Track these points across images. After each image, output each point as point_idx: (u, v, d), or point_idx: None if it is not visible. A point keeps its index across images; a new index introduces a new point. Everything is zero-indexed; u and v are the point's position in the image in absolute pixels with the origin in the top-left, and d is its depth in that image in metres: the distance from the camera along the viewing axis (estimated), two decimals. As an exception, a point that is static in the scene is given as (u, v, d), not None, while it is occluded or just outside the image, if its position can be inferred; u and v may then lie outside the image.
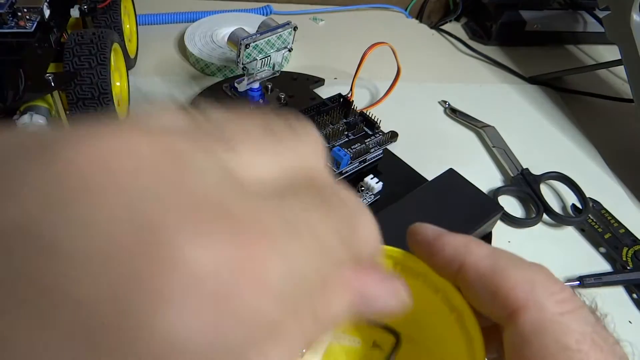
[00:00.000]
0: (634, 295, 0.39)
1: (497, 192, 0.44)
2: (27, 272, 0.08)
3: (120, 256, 0.08)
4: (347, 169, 0.41)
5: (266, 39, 0.44)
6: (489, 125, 0.51)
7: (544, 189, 0.45)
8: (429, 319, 0.25)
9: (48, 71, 0.38)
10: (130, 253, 0.08)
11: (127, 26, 0.52)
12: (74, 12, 0.44)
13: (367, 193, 0.40)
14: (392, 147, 0.45)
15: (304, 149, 0.13)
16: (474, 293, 0.20)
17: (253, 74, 0.46)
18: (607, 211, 0.44)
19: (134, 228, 0.08)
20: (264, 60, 0.45)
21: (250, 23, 0.58)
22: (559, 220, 0.43)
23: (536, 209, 0.43)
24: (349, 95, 0.47)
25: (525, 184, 0.45)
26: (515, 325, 0.18)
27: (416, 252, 0.23)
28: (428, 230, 0.22)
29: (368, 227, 0.14)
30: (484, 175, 0.46)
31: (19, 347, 0.08)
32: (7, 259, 0.08)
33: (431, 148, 0.49)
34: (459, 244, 0.20)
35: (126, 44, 0.49)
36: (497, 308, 0.19)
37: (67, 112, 0.40)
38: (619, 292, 0.39)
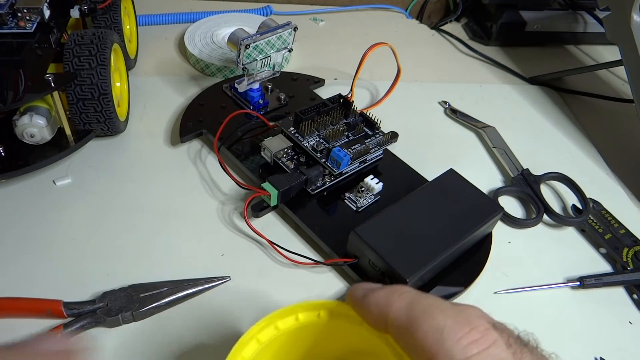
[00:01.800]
0: (634, 296, 0.38)
1: (498, 192, 0.44)
2: None
3: None
4: (347, 169, 0.41)
5: (266, 40, 0.44)
6: (489, 126, 0.51)
7: (544, 190, 0.45)
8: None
9: (48, 71, 0.38)
10: None
11: (127, 27, 0.52)
12: (74, 13, 0.44)
13: (367, 193, 0.40)
14: (392, 148, 0.45)
15: None
16: (400, 345, 0.21)
17: (253, 74, 0.46)
18: (607, 212, 0.44)
19: None
20: (264, 60, 0.45)
21: (250, 23, 0.58)
22: (560, 220, 0.43)
23: (536, 209, 0.43)
24: (349, 96, 0.46)
25: (525, 185, 0.45)
26: None
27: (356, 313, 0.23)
28: (358, 290, 0.23)
29: None
30: (484, 176, 0.46)
31: None
32: None
33: (431, 148, 0.49)
34: (381, 300, 0.21)
35: (126, 44, 0.49)
36: (419, 357, 0.20)
37: (67, 113, 0.40)
38: (620, 292, 0.39)
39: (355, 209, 0.40)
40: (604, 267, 0.41)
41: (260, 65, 0.46)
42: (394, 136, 0.43)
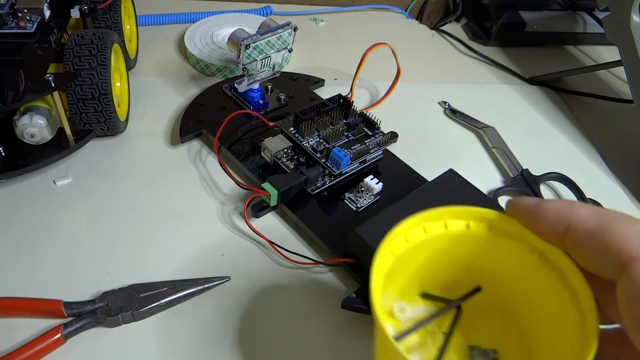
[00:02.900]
0: (634, 296, 0.38)
1: (497, 192, 0.44)
2: None
3: None
4: (347, 169, 0.41)
5: (266, 40, 0.44)
6: (488, 126, 0.51)
7: (544, 190, 0.45)
8: (526, 283, 0.23)
9: (48, 72, 0.38)
10: None
11: (127, 27, 0.52)
12: (74, 13, 0.44)
13: (367, 194, 0.40)
14: (392, 148, 0.45)
15: None
16: (583, 252, 0.20)
17: (253, 74, 0.46)
18: (607, 212, 0.44)
19: None
20: (264, 60, 0.46)
21: (250, 24, 0.58)
22: (559, 220, 0.42)
23: (536, 209, 0.43)
24: (349, 96, 0.47)
25: (525, 185, 0.45)
26: (629, 275, 0.18)
27: (519, 221, 0.22)
28: (528, 200, 0.22)
29: None
30: (484, 176, 0.46)
31: None
32: None
33: (431, 148, 0.49)
34: (561, 208, 0.21)
35: (126, 44, 0.50)
36: (608, 263, 0.19)
37: (67, 113, 0.40)
38: (619, 292, 0.39)
39: (355, 209, 0.40)
40: (604, 267, 0.41)
41: (260, 65, 0.46)
42: (393, 136, 0.43)
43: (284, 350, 0.32)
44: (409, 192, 0.37)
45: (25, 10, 0.41)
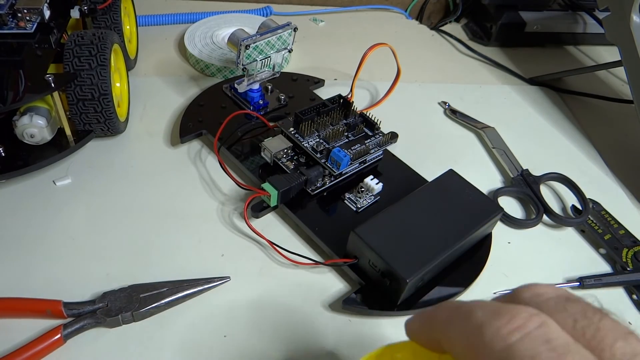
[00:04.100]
0: (634, 297, 0.39)
1: (497, 192, 0.44)
2: None
3: None
4: (347, 170, 0.41)
5: (266, 40, 0.44)
6: (489, 126, 0.51)
7: (543, 190, 0.45)
8: None
9: (48, 72, 0.38)
10: None
11: (127, 27, 0.52)
12: (74, 13, 0.44)
13: (367, 194, 0.40)
14: (392, 148, 0.45)
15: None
16: (455, 357, 0.19)
17: (253, 74, 0.46)
18: (607, 212, 0.44)
19: None
20: (264, 61, 0.46)
21: (250, 24, 0.58)
22: (559, 221, 0.43)
23: (536, 210, 0.43)
24: (349, 96, 0.47)
25: (525, 185, 0.45)
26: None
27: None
28: (413, 318, 0.21)
29: None
30: (484, 176, 0.46)
31: None
32: None
33: (431, 149, 0.49)
34: (424, 319, 0.20)
35: (126, 44, 0.50)
36: None
37: (67, 113, 0.40)
38: (619, 293, 0.39)
39: (355, 209, 0.40)
40: (604, 267, 0.41)
41: (260, 65, 0.46)
42: (393, 137, 0.43)
43: (284, 350, 0.32)
44: (409, 193, 0.37)
45: (25, 11, 0.41)
